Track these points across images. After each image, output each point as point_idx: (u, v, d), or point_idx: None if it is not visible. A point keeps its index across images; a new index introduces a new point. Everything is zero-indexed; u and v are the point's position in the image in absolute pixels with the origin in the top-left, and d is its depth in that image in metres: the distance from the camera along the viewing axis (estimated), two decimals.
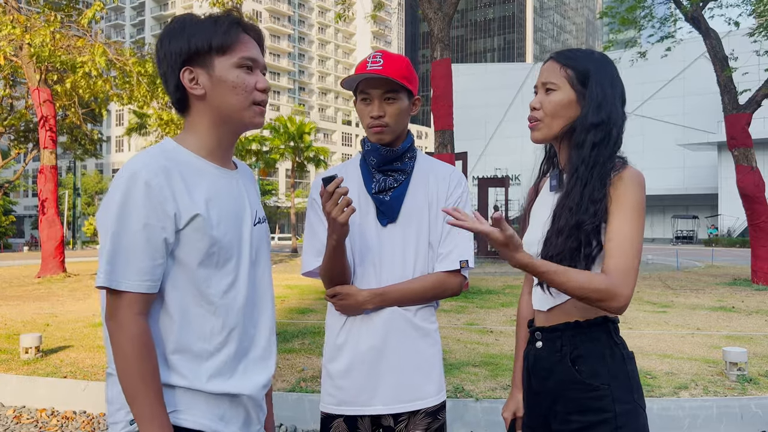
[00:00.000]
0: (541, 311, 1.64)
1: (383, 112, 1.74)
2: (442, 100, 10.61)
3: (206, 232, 1.34)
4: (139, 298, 1.29)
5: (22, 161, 28.41)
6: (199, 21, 1.42)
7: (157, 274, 1.31)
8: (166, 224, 1.30)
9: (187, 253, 1.34)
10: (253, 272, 1.46)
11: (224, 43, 1.38)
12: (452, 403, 3.96)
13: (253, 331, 1.47)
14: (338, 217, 1.57)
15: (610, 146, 1.54)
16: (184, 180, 1.34)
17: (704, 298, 9.90)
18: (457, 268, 1.77)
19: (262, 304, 1.50)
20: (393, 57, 1.75)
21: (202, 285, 1.36)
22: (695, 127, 47.34)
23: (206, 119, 1.43)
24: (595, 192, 1.50)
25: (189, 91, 1.40)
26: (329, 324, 1.85)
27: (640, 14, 14.08)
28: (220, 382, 1.37)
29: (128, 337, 1.28)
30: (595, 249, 1.50)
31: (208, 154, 1.43)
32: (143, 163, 1.32)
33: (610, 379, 1.51)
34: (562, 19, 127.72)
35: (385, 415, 1.76)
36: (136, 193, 1.28)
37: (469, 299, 9.48)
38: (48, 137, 13.91)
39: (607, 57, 1.65)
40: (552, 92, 1.59)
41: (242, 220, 1.45)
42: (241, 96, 1.40)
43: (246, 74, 1.41)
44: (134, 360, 1.27)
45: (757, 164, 12.20)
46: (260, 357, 1.48)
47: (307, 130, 31.19)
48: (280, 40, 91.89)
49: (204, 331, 1.37)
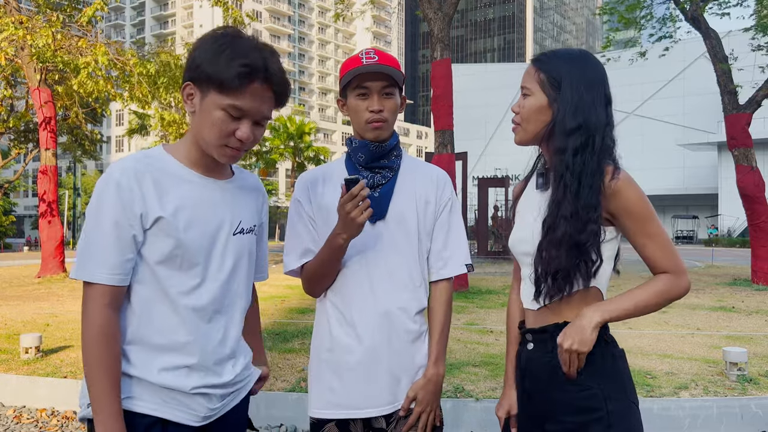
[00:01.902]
0: (531, 309, 1.64)
1: (382, 107, 1.72)
2: (442, 100, 10.60)
3: (170, 233, 1.41)
4: (109, 290, 1.38)
5: (22, 161, 28.39)
6: (228, 46, 1.40)
7: (127, 269, 1.40)
8: (134, 222, 1.39)
9: (150, 252, 1.42)
10: (224, 279, 1.50)
11: (224, 84, 1.39)
12: (452, 403, 3.96)
13: (218, 336, 1.51)
14: (358, 217, 1.58)
15: (595, 153, 1.52)
16: (156, 184, 1.42)
17: (704, 298, 9.90)
18: (464, 272, 1.81)
19: (231, 310, 1.54)
20: (386, 54, 1.75)
21: (164, 283, 1.43)
22: (695, 127, 47.33)
23: (192, 132, 1.49)
24: (590, 209, 1.50)
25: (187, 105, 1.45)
26: (317, 326, 1.83)
27: (639, 14, 14.07)
28: (171, 378, 1.44)
29: (93, 326, 1.37)
30: (596, 264, 1.53)
31: (193, 164, 1.50)
32: (120, 166, 1.42)
33: (601, 379, 1.52)
34: (562, 19, 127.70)
35: (377, 417, 1.74)
36: (109, 193, 1.39)
37: (469, 299, 9.48)
38: (48, 137, 13.91)
39: (588, 57, 1.61)
40: (527, 97, 1.61)
41: (217, 228, 1.50)
42: (215, 135, 1.43)
43: (229, 119, 1.41)
44: (95, 348, 1.37)
45: (757, 164, 12.19)
46: (224, 359, 1.53)
47: (307, 130, 31.25)
48: (280, 40, 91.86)
49: (163, 327, 1.44)
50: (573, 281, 1.53)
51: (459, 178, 14.01)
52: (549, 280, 1.53)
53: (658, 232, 1.54)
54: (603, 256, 1.54)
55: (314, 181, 1.82)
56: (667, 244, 1.54)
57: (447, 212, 1.82)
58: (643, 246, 1.54)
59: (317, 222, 1.79)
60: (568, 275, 1.52)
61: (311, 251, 1.77)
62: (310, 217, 1.79)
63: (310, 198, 1.80)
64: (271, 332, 6.52)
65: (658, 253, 1.53)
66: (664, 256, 1.53)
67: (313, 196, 1.80)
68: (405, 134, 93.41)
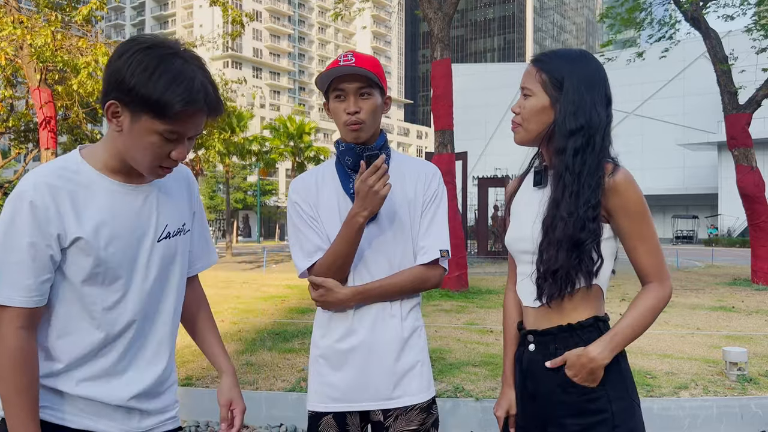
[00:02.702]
0: (530, 308, 1.64)
1: (359, 108, 1.74)
2: (442, 100, 10.60)
3: (90, 253, 1.35)
4: (23, 313, 1.31)
5: (22, 161, 28.38)
6: (166, 68, 1.29)
7: (44, 290, 1.34)
8: (51, 242, 1.32)
9: (72, 272, 1.36)
10: (150, 286, 1.46)
11: (163, 112, 1.29)
12: (452, 402, 3.96)
13: (141, 341, 1.48)
14: (381, 190, 1.62)
15: (596, 153, 1.53)
16: (73, 201, 1.34)
17: (704, 298, 9.90)
18: (437, 257, 1.77)
19: (159, 316, 1.51)
20: (363, 55, 1.77)
21: (87, 301, 1.38)
22: (695, 127, 47.31)
23: (117, 146, 1.39)
24: (589, 209, 1.50)
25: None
26: (317, 321, 1.86)
27: (639, 15, 14.07)
28: (90, 387, 1.40)
29: (6, 351, 1.30)
30: (597, 263, 1.53)
31: (112, 172, 1.41)
32: (33, 182, 1.33)
33: (604, 380, 1.52)
34: (562, 19, 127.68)
35: (375, 410, 1.77)
36: (22, 212, 1.30)
37: (469, 299, 9.48)
38: (49, 137, 13.90)
39: (588, 57, 1.61)
40: (528, 97, 1.61)
41: (140, 238, 1.44)
42: (149, 159, 1.36)
43: (164, 143, 1.34)
44: (10, 373, 1.30)
45: (757, 164, 12.19)
46: (146, 364, 1.49)
47: (307, 130, 31.20)
48: (280, 40, 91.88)
49: (83, 342, 1.40)
50: (575, 280, 1.53)
51: (459, 178, 13.99)
52: (550, 279, 1.53)
53: (650, 235, 1.54)
54: (603, 254, 1.54)
55: (308, 184, 1.85)
56: (656, 249, 1.56)
57: (432, 204, 1.83)
58: (633, 248, 1.55)
59: (317, 221, 1.81)
60: (569, 274, 1.52)
61: (321, 248, 1.78)
62: (312, 217, 1.81)
63: (307, 199, 1.82)
64: (271, 332, 6.52)
65: (646, 258, 1.55)
66: (653, 262, 1.55)
67: (309, 197, 1.83)
68: (405, 134, 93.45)
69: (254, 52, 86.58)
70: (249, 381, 4.53)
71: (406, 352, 1.78)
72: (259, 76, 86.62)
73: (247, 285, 12.16)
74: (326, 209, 1.80)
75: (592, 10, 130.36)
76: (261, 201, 54.82)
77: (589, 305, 1.57)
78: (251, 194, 56.74)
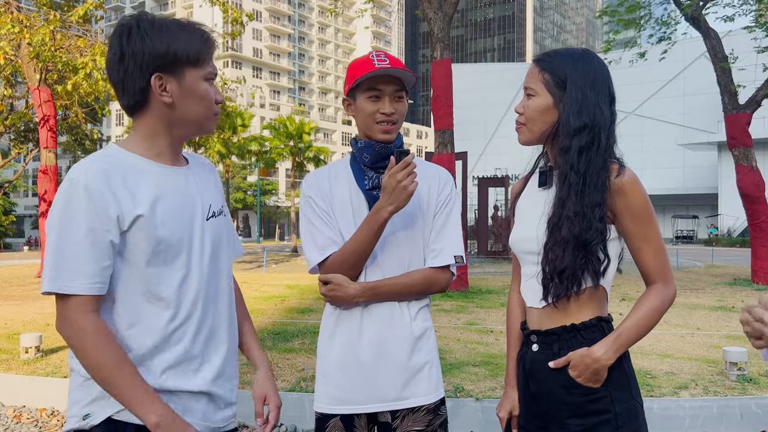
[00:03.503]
0: (534, 308, 1.64)
1: (394, 110, 1.76)
2: (442, 100, 10.61)
3: (150, 231, 1.35)
4: (88, 300, 1.31)
5: (22, 161, 28.37)
6: (171, 26, 1.41)
7: (105, 276, 1.33)
8: (110, 227, 1.31)
9: (134, 254, 1.35)
10: (207, 265, 1.47)
11: (198, 56, 1.42)
12: (452, 402, 3.96)
13: (210, 322, 1.47)
14: (410, 185, 1.64)
15: (601, 152, 1.53)
16: (125, 182, 1.35)
17: (704, 297, 9.90)
18: (449, 263, 1.79)
19: (219, 296, 1.51)
20: (395, 58, 1.79)
21: (153, 282, 1.37)
22: (695, 127, 47.32)
23: (163, 124, 1.44)
24: (595, 208, 1.50)
25: (155, 97, 1.39)
26: (325, 321, 1.85)
27: (639, 14, 14.07)
28: (173, 378, 1.39)
29: (86, 335, 1.30)
30: (604, 263, 1.53)
31: (156, 156, 1.44)
32: (82, 169, 1.34)
33: (608, 380, 1.52)
34: (562, 18, 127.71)
35: (383, 411, 1.76)
36: (77, 198, 1.30)
37: (469, 299, 9.48)
38: (49, 137, 13.90)
39: (591, 56, 1.61)
40: (532, 97, 1.61)
41: (192, 215, 1.45)
42: (206, 107, 1.45)
43: (210, 87, 1.46)
44: (99, 354, 1.29)
45: (757, 164, 12.20)
46: (218, 345, 1.49)
47: (307, 130, 31.15)
48: (280, 40, 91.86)
49: (155, 327, 1.38)
50: (581, 280, 1.53)
51: (459, 177, 14.00)
52: (557, 279, 1.53)
53: (655, 236, 1.55)
54: (610, 254, 1.54)
55: (322, 179, 1.85)
56: (661, 250, 1.56)
57: (445, 208, 1.84)
58: (638, 249, 1.55)
59: (331, 216, 1.81)
60: (576, 274, 1.51)
61: (335, 242, 1.77)
62: (325, 211, 1.81)
63: (321, 193, 1.82)
64: (271, 332, 6.51)
65: (651, 259, 1.55)
66: (657, 263, 1.55)
67: (323, 191, 1.83)
68: (405, 134, 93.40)
69: (254, 52, 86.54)
70: (249, 381, 4.52)
71: (416, 353, 1.77)
72: (259, 76, 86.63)
73: (247, 285, 12.16)
74: (339, 204, 1.80)
75: (592, 10, 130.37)
76: (261, 201, 54.81)
77: (593, 306, 1.57)
78: (251, 194, 56.78)
